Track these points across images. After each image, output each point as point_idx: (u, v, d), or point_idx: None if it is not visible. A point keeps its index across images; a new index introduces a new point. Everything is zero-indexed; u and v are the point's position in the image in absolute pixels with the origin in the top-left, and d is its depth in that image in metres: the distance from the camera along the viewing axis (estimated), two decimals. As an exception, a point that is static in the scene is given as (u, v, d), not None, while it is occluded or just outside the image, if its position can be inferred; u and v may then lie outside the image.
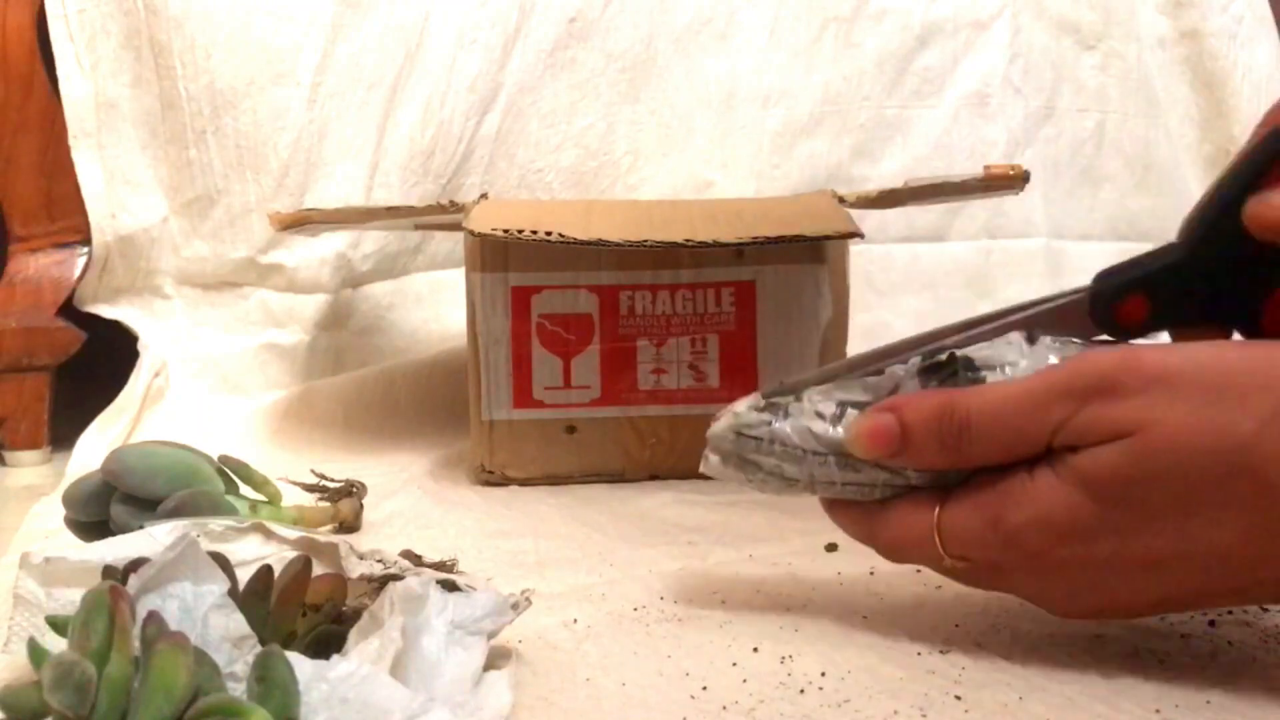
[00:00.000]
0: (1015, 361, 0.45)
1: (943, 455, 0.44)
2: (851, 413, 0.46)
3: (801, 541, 0.62)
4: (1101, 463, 0.41)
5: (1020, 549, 0.43)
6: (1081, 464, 0.41)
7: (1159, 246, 0.47)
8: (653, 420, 0.76)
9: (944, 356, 0.46)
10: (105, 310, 0.98)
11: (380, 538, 0.65)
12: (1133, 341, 0.46)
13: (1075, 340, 0.46)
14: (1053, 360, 0.45)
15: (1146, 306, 0.47)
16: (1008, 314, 0.48)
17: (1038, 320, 0.47)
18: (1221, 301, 0.46)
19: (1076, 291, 0.48)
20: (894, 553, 0.47)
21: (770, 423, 0.47)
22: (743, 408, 0.48)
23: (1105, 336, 0.47)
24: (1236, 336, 0.47)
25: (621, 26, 1.06)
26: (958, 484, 0.45)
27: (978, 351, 0.46)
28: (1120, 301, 0.47)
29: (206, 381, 0.95)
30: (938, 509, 0.44)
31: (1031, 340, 0.46)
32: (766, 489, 0.48)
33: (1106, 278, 0.47)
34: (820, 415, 0.46)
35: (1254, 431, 0.39)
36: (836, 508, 0.48)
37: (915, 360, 0.47)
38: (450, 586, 0.43)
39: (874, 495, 0.47)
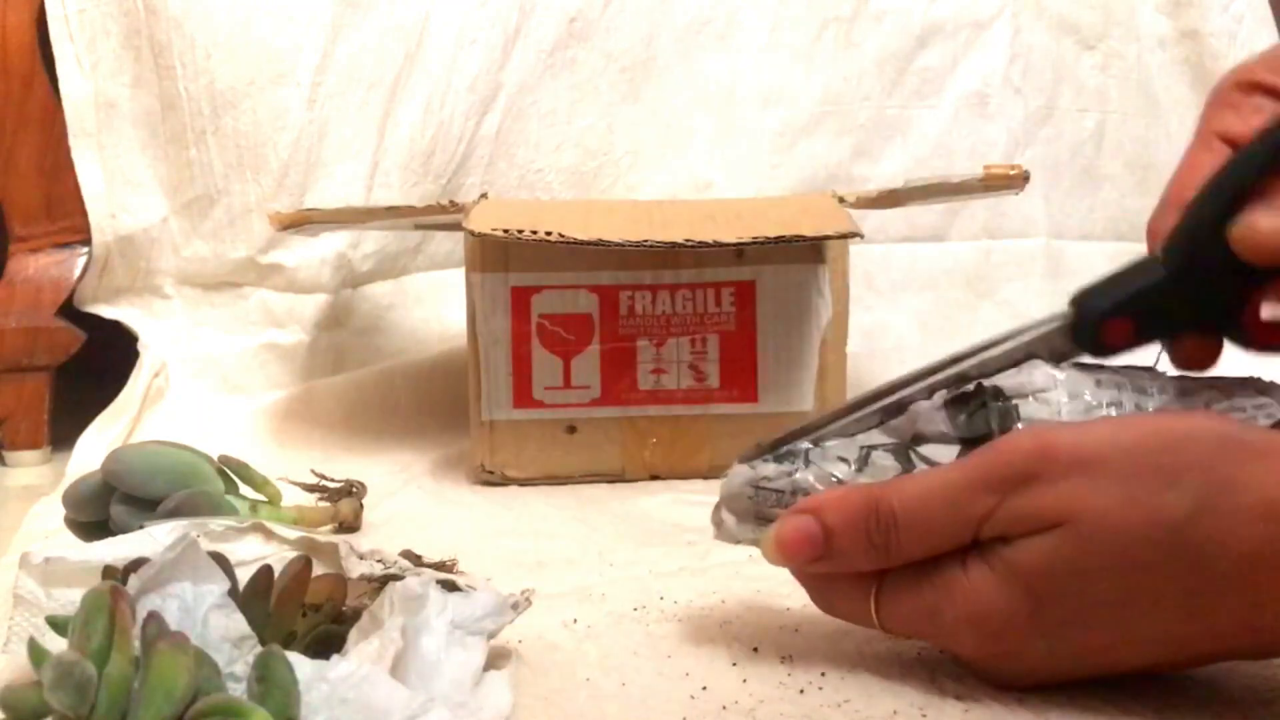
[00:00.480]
0: (1046, 387, 0.44)
1: (870, 556, 0.42)
2: (879, 456, 0.45)
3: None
4: (1034, 554, 0.40)
5: (959, 643, 0.43)
6: (1013, 557, 0.40)
7: (1137, 261, 0.46)
8: (653, 420, 0.76)
9: (971, 387, 0.45)
10: (105, 310, 0.98)
11: (380, 538, 0.65)
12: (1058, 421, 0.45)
13: (1102, 364, 0.45)
14: (1088, 391, 0.44)
15: (1131, 327, 0.46)
16: (991, 345, 0.47)
17: (1028, 348, 0.47)
18: (1206, 313, 0.46)
19: (1057, 318, 0.47)
20: (832, 613, 0.46)
21: (792, 473, 0.46)
22: (754, 462, 0.47)
23: (1088, 359, 0.47)
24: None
25: (621, 26, 1.06)
26: None
27: (1005, 380, 0.45)
28: (1104, 324, 0.46)
29: (206, 381, 0.95)
30: (874, 590, 0.43)
31: (1057, 362, 0.45)
32: None
33: (1087, 300, 0.47)
34: (844, 460, 0.45)
35: (1188, 511, 0.38)
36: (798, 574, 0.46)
37: (940, 394, 0.46)
38: (450, 586, 0.43)
39: None
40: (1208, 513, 0.38)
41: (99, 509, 0.58)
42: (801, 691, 0.44)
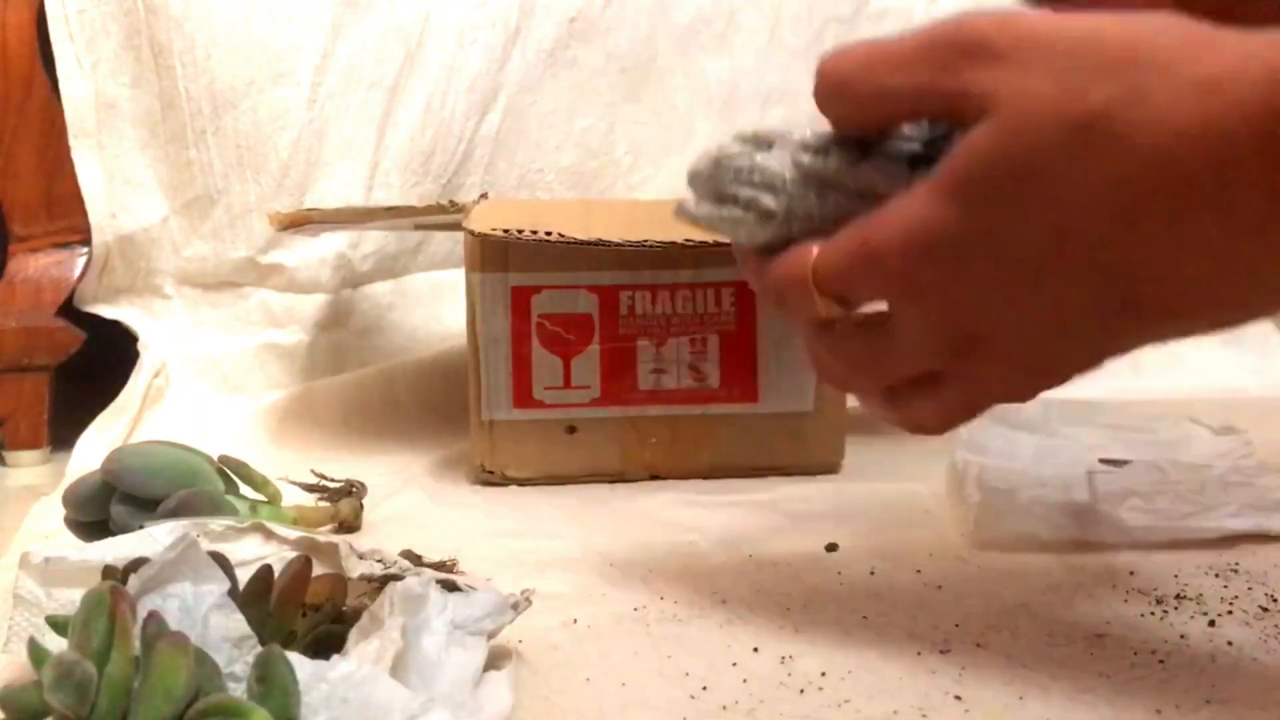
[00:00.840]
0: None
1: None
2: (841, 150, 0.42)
3: (802, 541, 0.62)
4: (964, 153, 0.36)
5: (886, 271, 0.39)
6: (948, 163, 0.37)
7: None
8: (653, 420, 0.76)
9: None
10: (105, 310, 0.98)
11: (380, 538, 0.65)
12: None
13: None
14: None
15: None
16: None
17: None
18: None
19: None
20: (775, 297, 0.43)
21: (753, 154, 0.44)
22: (722, 143, 0.45)
23: None
24: None
25: (621, 26, 1.06)
26: None
27: None
28: None
29: (206, 381, 0.95)
30: (814, 250, 0.41)
31: None
32: (739, 230, 0.44)
33: None
34: (806, 147, 0.43)
35: (1105, 101, 0.34)
36: (746, 255, 0.44)
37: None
38: (450, 586, 0.43)
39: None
40: (1141, 99, 0.34)
41: (99, 509, 0.58)
42: (801, 691, 0.44)
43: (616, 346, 0.76)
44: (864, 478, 0.76)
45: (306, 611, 0.44)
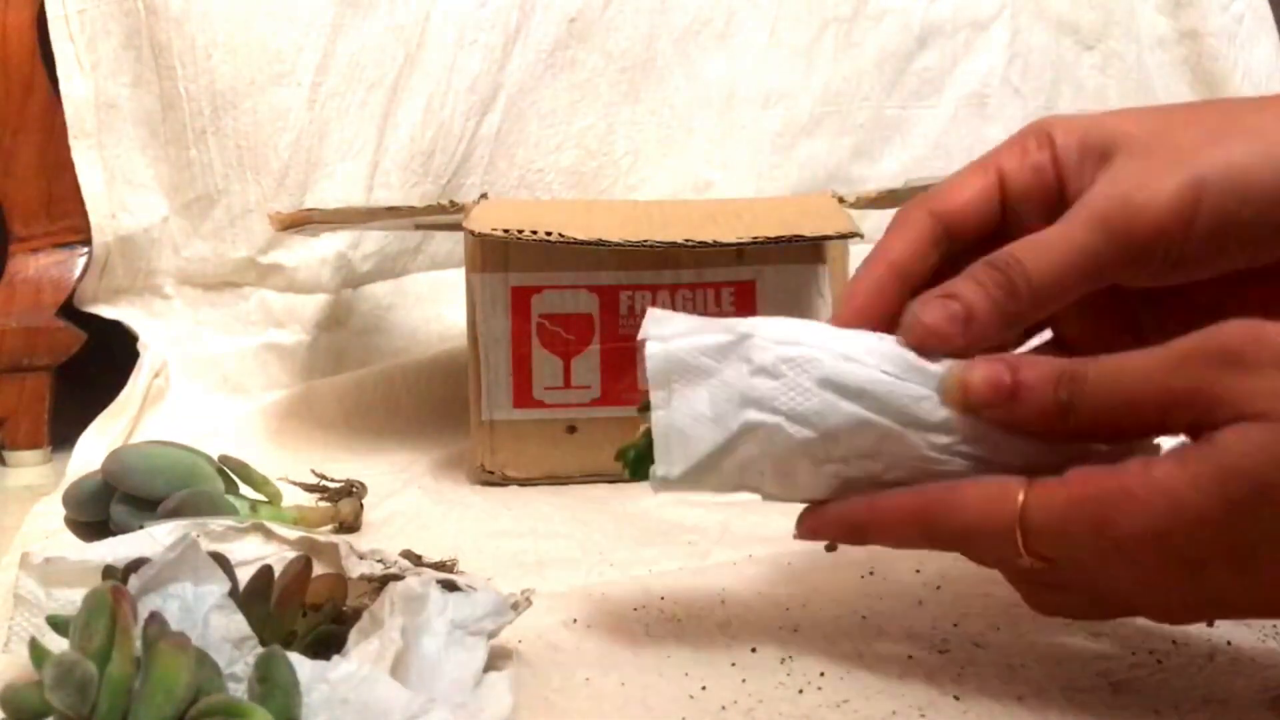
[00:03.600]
0: None
1: (1051, 413, 0.39)
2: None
3: (801, 541, 0.62)
4: (1234, 445, 0.35)
5: (1129, 561, 0.38)
6: (1210, 450, 0.36)
7: None
8: (653, 420, 0.76)
9: None
10: (105, 310, 0.98)
11: (380, 538, 0.65)
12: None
13: None
14: None
15: None
16: None
17: None
18: None
19: None
20: (958, 540, 0.41)
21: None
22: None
23: None
24: None
25: (621, 26, 1.06)
26: (1044, 468, 0.39)
27: None
28: None
29: (206, 381, 0.95)
30: (1022, 495, 0.38)
31: None
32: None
33: None
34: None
35: None
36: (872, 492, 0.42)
37: None
38: (450, 586, 0.43)
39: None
40: None
41: (99, 509, 0.58)
42: (800, 691, 0.44)
43: (616, 346, 0.76)
44: (864, 478, 0.76)
45: (306, 611, 0.44)
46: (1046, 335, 0.49)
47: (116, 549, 0.45)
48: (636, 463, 0.45)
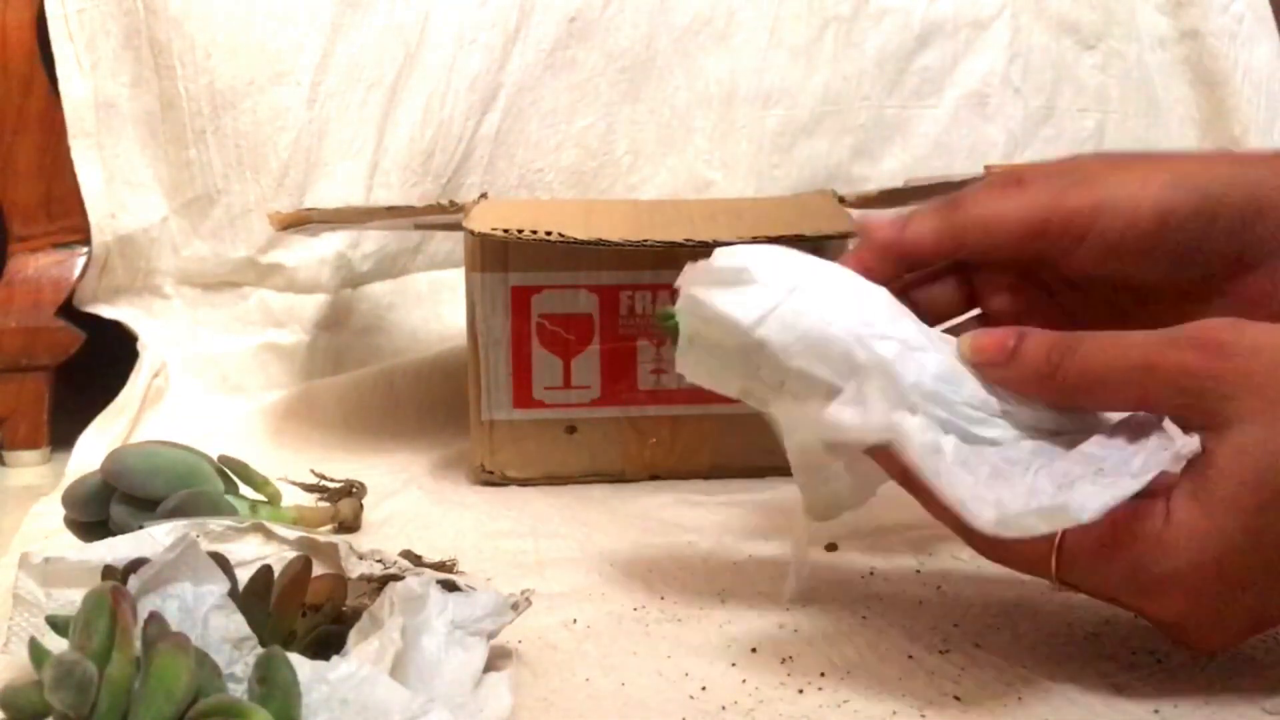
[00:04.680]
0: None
1: (1039, 376, 0.42)
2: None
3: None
4: (1239, 460, 0.38)
5: (1161, 599, 0.40)
6: (1220, 466, 0.38)
7: None
8: (653, 420, 0.76)
9: None
10: (105, 310, 0.98)
11: (380, 538, 0.65)
12: None
13: None
14: None
15: None
16: None
17: None
18: None
19: None
20: (993, 552, 0.44)
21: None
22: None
23: None
24: None
25: (621, 26, 1.06)
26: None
27: None
28: None
29: (206, 381, 0.95)
30: (1055, 547, 0.41)
31: None
32: None
33: None
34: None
35: None
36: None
37: None
38: (450, 586, 0.43)
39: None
40: None
41: (99, 509, 0.58)
42: (801, 691, 0.44)
43: (616, 346, 0.76)
44: (864, 478, 0.76)
45: (306, 612, 0.44)
46: (976, 312, 0.53)
47: (116, 549, 0.45)
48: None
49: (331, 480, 0.69)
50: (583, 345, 0.76)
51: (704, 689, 0.44)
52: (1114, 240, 0.47)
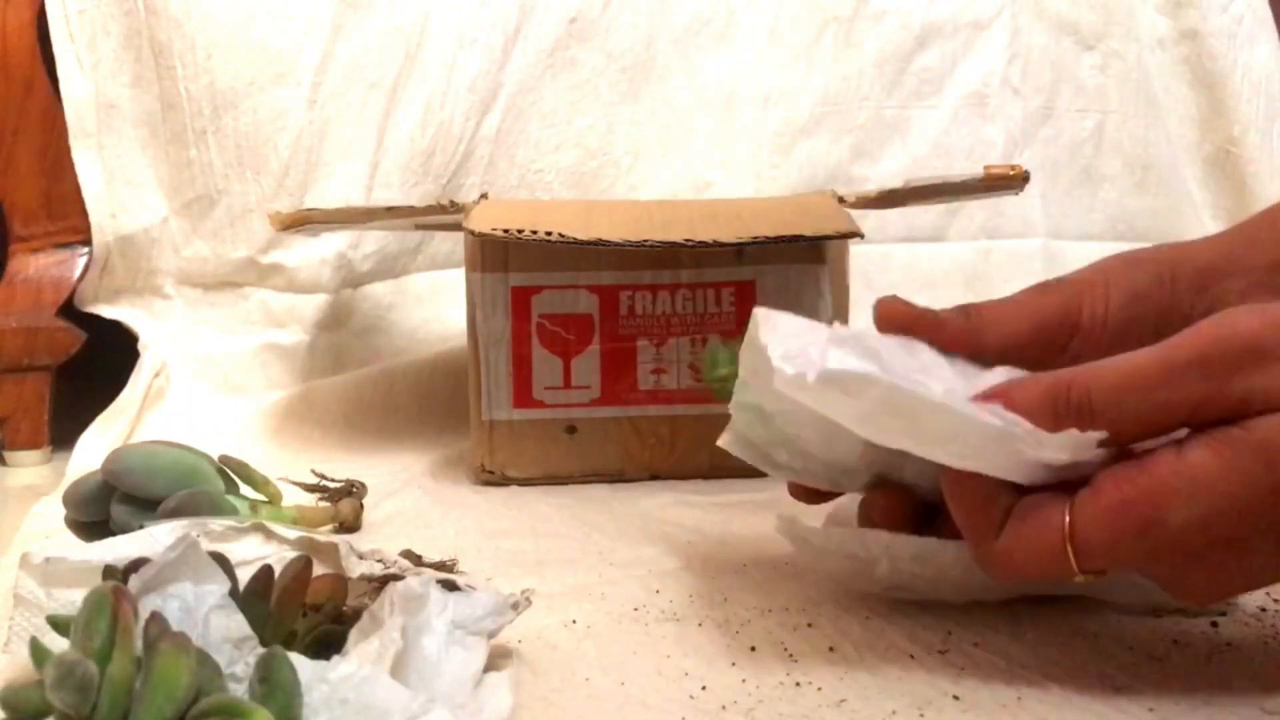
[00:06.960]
0: None
1: (1055, 417, 0.39)
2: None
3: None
4: (1274, 425, 0.36)
5: (1183, 550, 0.39)
6: (1247, 435, 0.36)
7: None
8: (653, 420, 0.76)
9: None
10: (105, 310, 0.98)
11: (380, 538, 0.65)
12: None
13: None
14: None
15: None
16: None
17: None
18: None
19: None
20: (1007, 573, 0.42)
21: None
22: None
23: None
24: None
25: (621, 26, 1.06)
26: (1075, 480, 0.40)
27: None
28: None
29: (206, 381, 0.95)
30: (1067, 518, 0.39)
31: None
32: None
33: None
34: None
35: None
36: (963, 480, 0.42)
37: None
38: (450, 586, 0.43)
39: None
40: None
41: (99, 509, 0.58)
42: (800, 690, 0.44)
43: (616, 346, 0.76)
44: (863, 478, 0.76)
45: (307, 611, 0.44)
46: None
47: (116, 549, 0.45)
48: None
49: (332, 480, 0.70)
50: (583, 345, 0.76)
51: (704, 689, 0.44)
52: (1096, 328, 0.47)
